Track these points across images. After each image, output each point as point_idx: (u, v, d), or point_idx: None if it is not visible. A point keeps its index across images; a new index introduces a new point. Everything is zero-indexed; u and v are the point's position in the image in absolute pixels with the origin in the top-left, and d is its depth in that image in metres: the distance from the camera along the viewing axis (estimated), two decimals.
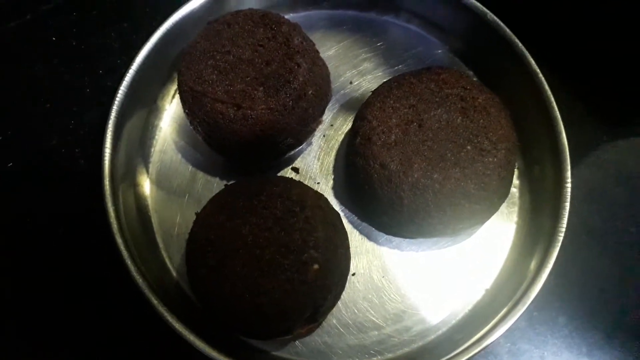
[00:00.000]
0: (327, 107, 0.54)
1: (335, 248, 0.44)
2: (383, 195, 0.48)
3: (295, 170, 0.56)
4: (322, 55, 0.53)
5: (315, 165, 0.56)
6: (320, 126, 0.55)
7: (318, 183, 0.55)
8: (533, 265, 0.49)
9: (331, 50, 0.61)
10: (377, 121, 0.49)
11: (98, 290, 0.52)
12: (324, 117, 0.55)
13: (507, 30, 0.55)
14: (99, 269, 0.52)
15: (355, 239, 0.53)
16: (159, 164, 0.55)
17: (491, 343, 0.47)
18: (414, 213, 0.47)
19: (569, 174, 0.50)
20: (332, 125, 0.58)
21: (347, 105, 0.59)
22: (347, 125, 0.58)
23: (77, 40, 0.62)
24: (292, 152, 0.55)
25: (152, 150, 0.56)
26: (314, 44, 0.52)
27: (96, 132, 0.58)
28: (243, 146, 0.49)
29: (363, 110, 0.51)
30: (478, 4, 0.56)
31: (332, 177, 0.56)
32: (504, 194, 0.50)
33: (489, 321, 0.47)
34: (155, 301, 0.43)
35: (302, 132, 0.51)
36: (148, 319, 0.47)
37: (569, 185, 0.50)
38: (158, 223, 0.53)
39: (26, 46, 0.62)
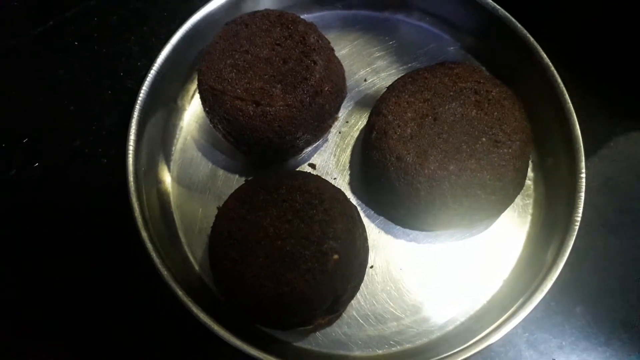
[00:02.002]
0: (343, 104, 0.55)
1: (354, 239, 0.45)
2: (400, 188, 0.49)
3: (312, 166, 0.57)
4: (336, 54, 0.54)
5: (331, 161, 0.57)
6: (336, 123, 0.56)
7: (335, 178, 0.56)
8: (549, 256, 0.50)
9: (345, 49, 0.62)
10: (393, 115, 0.50)
11: (123, 286, 0.53)
12: (340, 114, 0.56)
13: (519, 25, 0.56)
14: (123, 266, 0.54)
15: (372, 232, 0.54)
16: (180, 161, 0.57)
17: (509, 332, 0.47)
18: (431, 204, 0.48)
19: (582, 164, 0.51)
20: (347, 122, 0.59)
21: (362, 103, 0.60)
22: (362, 122, 0.59)
23: (98, 45, 0.64)
24: (309, 149, 0.56)
25: (173, 149, 0.57)
26: (329, 42, 0.53)
27: (118, 132, 0.59)
28: (262, 142, 0.50)
29: (378, 105, 0.52)
30: (489, 0, 0.57)
31: (349, 172, 0.57)
32: (519, 185, 0.50)
33: (507, 311, 0.48)
34: (180, 292, 0.45)
35: (318, 127, 0.52)
36: (173, 313, 0.49)
37: (583, 176, 0.51)
38: (180, 219, 0.54)
39: (49, 52, 0.64)
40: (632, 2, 0.54)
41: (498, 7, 0.57)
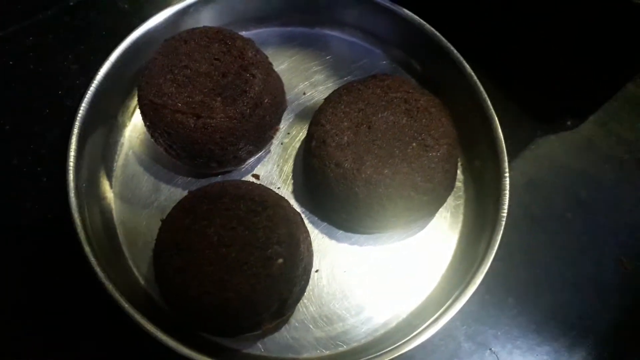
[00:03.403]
0: (283, 116, 0.58)
1: (298, 243, 0.47)
2: (340, 192, 0.51)
3: (256, 177, 0.59)
4: (275, 69, 0.56)
5: (274, 171, 0.59)
6: (277, 134, 0.58)
7: (278, 188, 0.58)
8: (480, 251, 0.53)
9: (284, 65, 0.65)
10: (330, 125, 0.53)
11: (67, 305, 0.52)
12: (281, 125, 0.58)
13: (444, 39, 0.60)
14: (67, 283, 0.53)
15: (316, 237, 0.56)
16: (122, 177, 0.57)
17: (449, 326, 0.50)
18: (369, 207, 0.50)
19: (506, 165, 0.55)
20: (288, 133, 0.61)
21: (302, 115, 0.62)
22: (303, 133, 0.61)
23: (34, 64, 0.64)
24: (252, 159, 0.57)
25: (115, 164, 0.57)
26: (267, 57, 0.55)
27: (58, 150, 0.58)
28: (204, 154, 0.51)
29: (317, 116, 0.55)
30: (415, 16, 0.61)
31: (292, 181, 0.59)
32: (449, 186, 0.54)
33: (443, 305, 0.51)
34: (126, 305, 0.45)
35: (260, 138, 0.54)
36: (121, 329, 0.49)
37: (507, 176, 0.55)
38: (124, 234, 0.54)
39: None
40: (549, 18, 0.60)
41: (424, 22, 0.61)
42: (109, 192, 0.56)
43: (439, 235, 0.58)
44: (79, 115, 0.53)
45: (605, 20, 0.55)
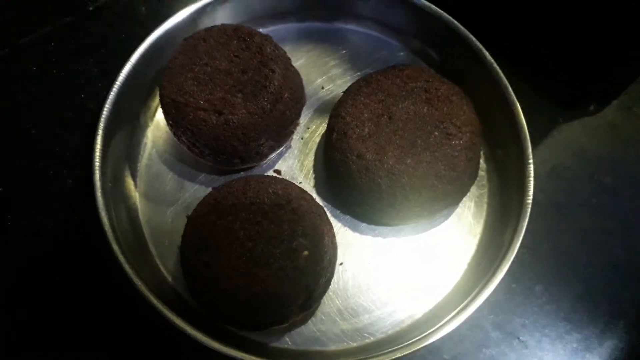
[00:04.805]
0: (303, 111, 0.58)
1: (322, 235, 0.47)
2: (362, 184, 0.51)
3: (278, 172, 0.59)
4: (293, 64, 0.57)
5: (296, 166, 0.59)
6: (297, 129, 0.58)
7: (300, 183, 0.58)
8: (506, 239, 0.52)
9: (301, 60, 0.65)
10: (351, 117, 0.53)
11: (98, 305, 0.53)
12: (301, 120, 0.58)
13: (462, 27, 0.60)
14: (94, 283, 0.54)
15: (340, 231, 0.56)
16: (146, 177, 0.58)
17: (476, 316, 0.50)
18: (392, 198, 0.50)
19: (529, 152, 0.55)
20: (308, 128, 0.61)
21: (321, 109, 0.62)
22: (323, 128, 0.61)
23: (56, 68, 0.65)
24: (273, 155, 0.58)
25: (139, 165, 0.58)
26: (285, 52, 0.56)
27: (82, 153, 0.60)
28: (227, 150, 0.51)
29: (337, 108, 0.55)
30: (432, 5, 0.61)
31: (313, 176, 0.59)
32: (472, 175, 0.53)
33: (470, 295, 0.50)
34: (155, 301, 0.45)
35: (281, 133, 0.54)
36: (150, 326, 0.49)
37: (531, 162, 0.54)
38: (150, 233, 0.55)
39: (6, 77, 0.64)
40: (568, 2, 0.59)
41: (442, 11, 0.61)
42: (134, 191, 0.57)
43: (463, 225, 0.57)
44: (103, 116, 0.53)
45: (627, 0, 0.54)
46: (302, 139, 0.61)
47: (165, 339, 0.51)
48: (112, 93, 0.55)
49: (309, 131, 0.61)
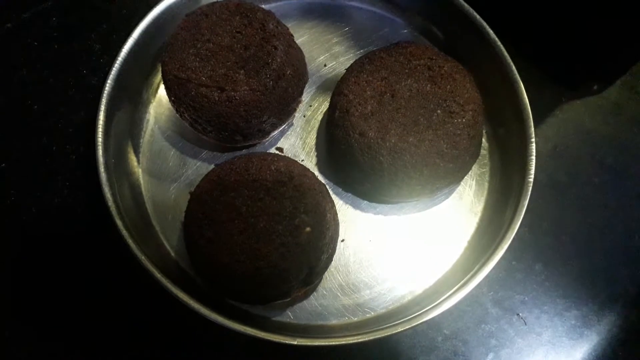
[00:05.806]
0: (305, 89, 0.57)
1: (324, 211, 0.47)
2: (364, 162, 0.51)
3: (280, 150, 0.59)
4: (296, 41, 0.56)
5: (298, 144, 0.60)
6: (300, 106, 0.58)
7: (302, 160, 0.59)
8: (507, 217, 0.53)
9: (304, 37, 0.65)
10: (353, 94, 0.53)
11: (101, 279, 0.54)
12: (303, 98, 0.58)
13: (465, 4, 0.59)
14: (98, 258, 0.54)
15: (341, 208, 0.56)
16: (149, 153, 0.58)
17: (476, 292, 0.51)
18: (394, 176, 0.50)
19: (532, 131, 0.55)
20: (310, 105, 0.61)
21: (324, 87, 0.62)
22: (325, 105, 0.61)
23: (58, 44, 0.65)
24: (276, 132, 0.58)
25: (141, 141, 0.58)
26: (287, 29, 0.55)
27: (85, 129, 0.60)
28: (229, 127, 0.52)
29: (339, 86, 0.55)
30: None
31: (315, 153, 0.59)
32: (474, 153, 0.54)
33: (470, 272, 0.51)
34: (158, 275, 0.46)
35: (283, 111, 0.54)
36: (153, 299, 0.50)
37: (533, 141, 0.54)
38: (153, 208, 0.55)
39: (8, 53, 0.64)
40: None
41: None
42: (136, 167, 0.57)
43: (465, 203, 0.57)
44: (105, 92, 0.53)
45: None
46: (304, 116, 0.61)
47: (168, 313, 0.52)
48: (114, 69, 0.55)
49: (312, 109, 0.61)
